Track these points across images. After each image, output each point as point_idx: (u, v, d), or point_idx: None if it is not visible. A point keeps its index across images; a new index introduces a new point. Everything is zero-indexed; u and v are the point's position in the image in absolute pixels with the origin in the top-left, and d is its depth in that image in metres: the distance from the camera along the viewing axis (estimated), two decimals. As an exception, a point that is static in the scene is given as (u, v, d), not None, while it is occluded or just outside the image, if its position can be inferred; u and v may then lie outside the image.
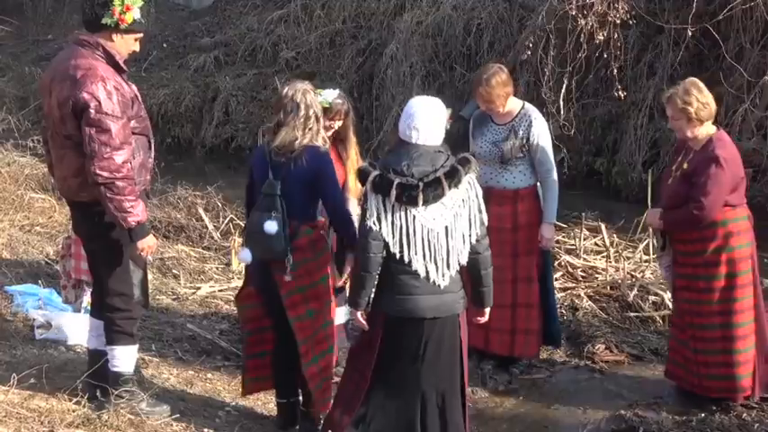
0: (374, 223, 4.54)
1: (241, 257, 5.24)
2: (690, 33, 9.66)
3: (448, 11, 12.02)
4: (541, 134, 6.06)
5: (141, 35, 5.05)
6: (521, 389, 6.28)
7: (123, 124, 4.82)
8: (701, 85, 5.57)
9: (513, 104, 6.12)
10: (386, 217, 4.54)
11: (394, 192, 4.48)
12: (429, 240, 4.55)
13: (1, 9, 16.46)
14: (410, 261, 4.55)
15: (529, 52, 10.34)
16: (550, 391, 6.29)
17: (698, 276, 5.60)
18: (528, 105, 6.21)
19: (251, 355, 5.37)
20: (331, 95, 5.63)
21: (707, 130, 5.53)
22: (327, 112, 5.50)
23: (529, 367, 6.48)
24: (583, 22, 9.89)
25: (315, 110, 5.02)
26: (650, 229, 7.30)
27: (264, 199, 4.99)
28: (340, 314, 5.78)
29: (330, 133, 5.61)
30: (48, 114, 5.04)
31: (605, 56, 10.08)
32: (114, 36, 4.91)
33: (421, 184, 4.49)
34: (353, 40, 13.29)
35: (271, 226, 4.92)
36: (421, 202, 4.50)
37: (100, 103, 4.75)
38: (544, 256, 6.27)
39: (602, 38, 9.93)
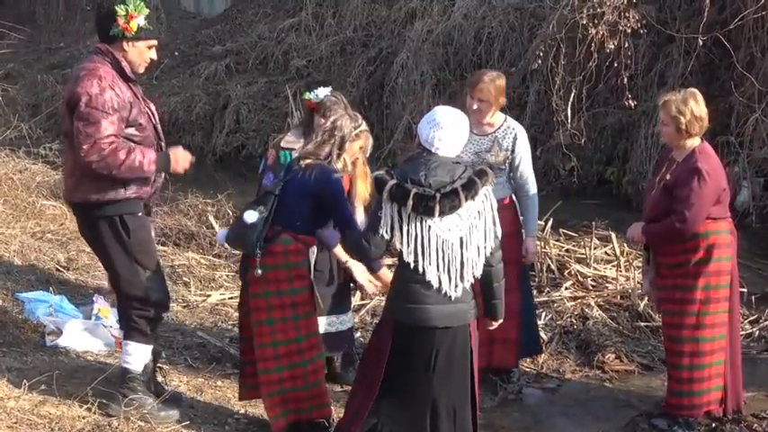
0: (386, 232, 4.54)
1: (218, 236, 5.31)
2: (701, 42, 9.63)
3: (459, 19, 12.01)
4: (526, 149, 6.05)
5: (154, 42, 5.08)
6: (530, 398, 6.27)
7: (113, 120, 4.83)
8: (700, 97, 5.46)
9: (498, 117, 6.10)
10: (400, 226, 4.53)
11: (410, 202, 4.49)
12: (443, 251, 4.54)
13: (14, 17, 16.53)
14: (424, 271, 4.55)
15: (539, 61, 10.34)
16: (560, 401, 6.28)
17: (676, 287, 5.51)
18: (510, 119, 6.17)
19: (246, 362, 5.33)
20: (322, 92, 5.67)
21: (692, 142, 5.46)
22: (318, 108, 5.58)
23: (538, 376, 6.48)
24: (593, 31, 9.87)
25: (343, 133, 5.10)
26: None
27: (264, 194, 5.12)
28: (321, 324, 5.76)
29: (352, 159, 5.45)
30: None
31: (616, 65, 10.06)
32: (125, 45, 4.98)
33: (438, 195, 4.49)
34: (364, 48, 13.30)
35: (250, 216, 4.98)
36: (437, 213, 4.50)
37: (91, 97, 4.80)
38: (522, 267, 6.23)
39: (612, 47, 9.91)
